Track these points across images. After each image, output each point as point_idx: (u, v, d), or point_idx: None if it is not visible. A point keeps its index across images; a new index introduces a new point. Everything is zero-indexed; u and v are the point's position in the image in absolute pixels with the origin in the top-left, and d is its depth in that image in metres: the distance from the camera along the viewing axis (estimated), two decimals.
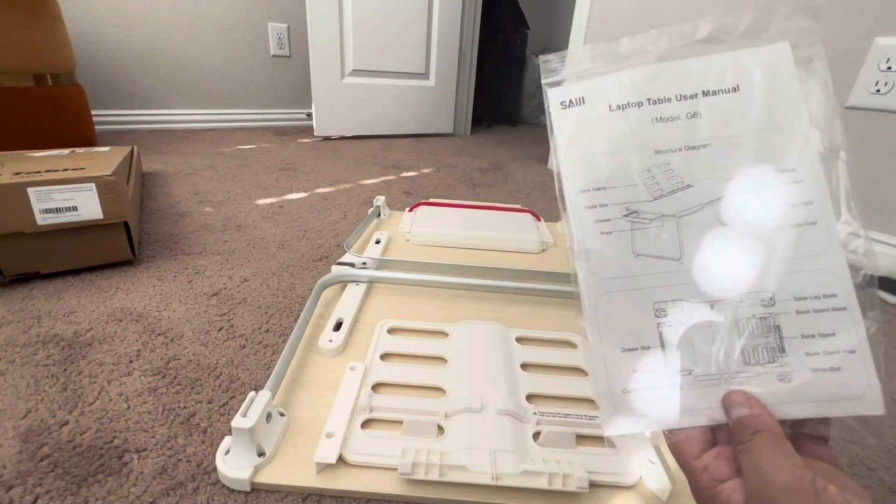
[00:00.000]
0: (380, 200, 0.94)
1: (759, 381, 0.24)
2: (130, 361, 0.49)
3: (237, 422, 0.35)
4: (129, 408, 0.43)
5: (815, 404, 0.24)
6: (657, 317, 0.26)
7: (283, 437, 0.39)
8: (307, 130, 2.00)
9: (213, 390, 0.46)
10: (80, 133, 1.18)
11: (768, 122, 0.25)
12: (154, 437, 0.40)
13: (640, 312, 0.26)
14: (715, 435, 0.25)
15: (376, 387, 0.45)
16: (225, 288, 0.65)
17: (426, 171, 1.45)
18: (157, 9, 1.68)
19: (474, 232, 0.83)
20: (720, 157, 0.25)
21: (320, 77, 1.72)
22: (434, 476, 0.35)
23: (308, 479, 0.36)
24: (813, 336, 0.24)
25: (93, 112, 1.54)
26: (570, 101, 0.28)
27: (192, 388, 0.46)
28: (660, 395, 0.25)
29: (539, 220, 0.96)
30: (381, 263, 0.69)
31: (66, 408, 0.42)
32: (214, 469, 0.37)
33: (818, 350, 0.24)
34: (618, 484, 0.37)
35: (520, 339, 0.54)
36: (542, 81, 0.29)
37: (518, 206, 1.00)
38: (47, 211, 0.60)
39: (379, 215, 0.93)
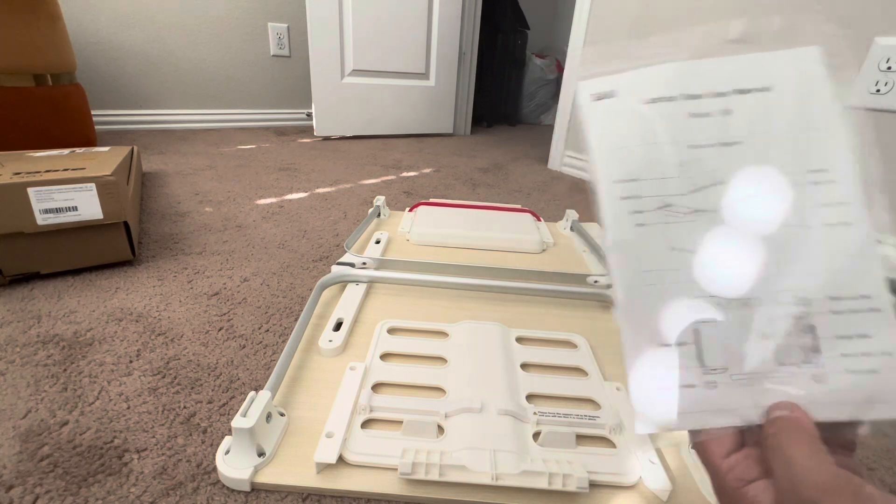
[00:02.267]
0: (380, 200, 0.94)
1: (794, 382, 0.24)
2: (130, 361, 0.49)
3: (237, 422, 0.35)
4: (129, 408, 0.43)
5: (851, 406, 0.23)
6: (692, 313, 0.25)
7: (283, 437, 0.39)
8: (307, 130, 2.00)
9: (213, 390, 0.46)
10: (80, 133, 1.18)
11: (801, 123, 0.25)
12: (154, 437, 0.40)
13: (675, 308, 0.26)
14: (744, 436, 0.24)
15: (376, 387, 0.45)
16: (225, 288, 0.65)
17: (426, 171, 1.45)
18: (157, 9, 1.68)
19: (474, 232, 0.84)
20: (753, 156, 0.25)
21: (320, 77, 1.72)
22: (434, 476, 0.35)
23: (308, 479, 0.36)
24: (849, 337, 0.23)
25: (93, 112, 1.54)
26: (602, 94, 0.28)
27: (192, 388, 0.46)
28: (694, 393, 0.25)
29: (539, 219, 0.96)
30: (381, 263, 0.70)
31: (66, 408, 0.42)
32: (214, 469, 0.37)
33: (854, 351, 0.23)
34: (618, 484, 0.37)
35: (520, 339, 0.55)
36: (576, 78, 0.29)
37: (518, 206, 1.00)
38: (47, 211, 0.60)
39: (379, 215, 0.93)
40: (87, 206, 0.62)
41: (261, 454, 0.37)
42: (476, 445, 0.38)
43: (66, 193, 0.61)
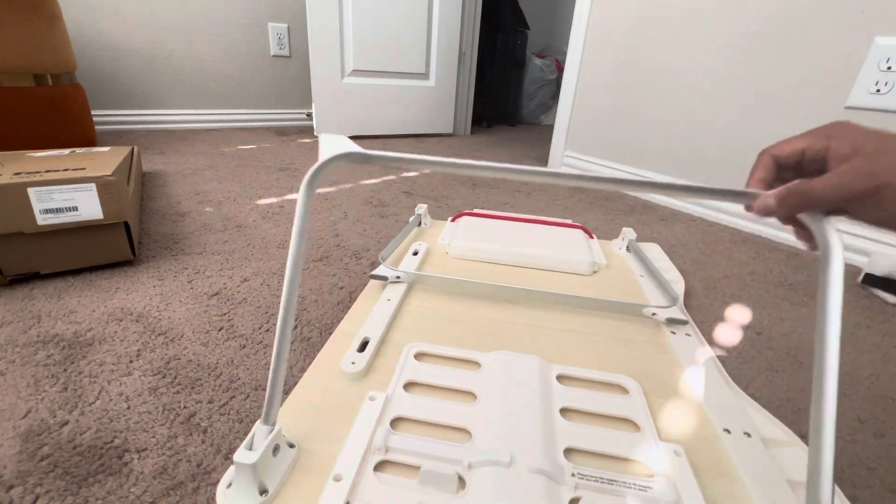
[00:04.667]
0: (421, 209, 0.88)
1: None
2: (130, 361, 0.49)
3: (239, 455, 0.32)
4: (129, 408, 0.43)
5: None
6: None
7: (290, 473, 0.35)
8: (307, 130, 2.00)
9: (213, 390, 0.46)
10: (80, 133, 1.18)
11: None
12: (154, 437, 0.40)
13: None
14: None
15: (395, 422, 0.41)
16: (225, 288, 0.65)
17: (426, 171, 1.45)
18: (157, 9, 1.68)
19: (519, 248, 0.77)
20: None
21: (320, 77, 1.72)
22: None
23: None
24: None
25: (93, 112, 1.54)
26: None
27: (193, 388, 0.46)
28: None
29: (591, 237, 0.86)
30: (417, 278, 0.65)
31: (66, 408, 0.42)
32: (214, 469, 0.37)
33: None
34: None
35: (561, 378, 0.48)
36: None
37: (568, 222, 0.91)
38: (47, 211, 0.60)
39: (420, 224, 0.88)
40: (87, 206, 0.62)
41: (263, 492, 0.33)
42: None
43: (67, 193, 0.61)
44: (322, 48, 1.69)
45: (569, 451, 0.39)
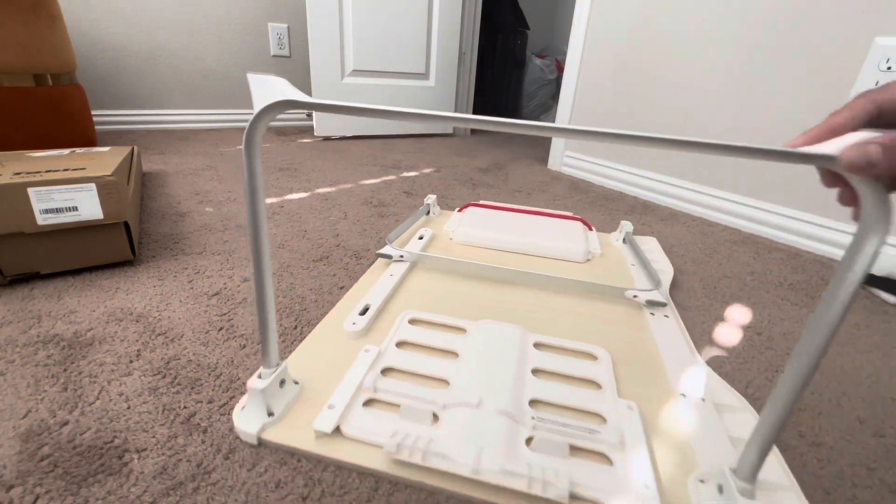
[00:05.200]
0: (430, 199, 0.96)
1: None
2: (130, 361, 0.49)
3: (251, 382, 0.39)
4: (129, 408, 0.43)
5: None
6: None
7: (294, 403, 0.42)
8: (307, 130, 2.00)
9: (213, 390, 0.46)
10: (80, 133, 1.18)
11: None
12: (154, 437, 0.40)
13: None
14: None
15: (385, 371, 0.47)
16: (225, 288, 0.65)
17: (426, 171, 1.45)
18: (157, 9, 1.68)
19: (518, 237, 0.83)
20: None
21: (320, 77, 1.72)
22: (417, 460, 0.36)
23: (306, 443, 0.39)
24: None
25: (93, 112, 1.54)
26: None
27: (193, 388, 0.46)
28: None
29: (591, 229, 0.93)
30: (419, 259, 0.72)
31: (66, 408, 0.42)
32: (214, 469, 0.37)
33: None
34: (603, 502, 0.35)
35: (538, 345, 0.53)
36: None
37: (570, 214, 0.97)
38: (47, 211, 0.60)
39: (428, 213, 0.96)
40: (87, 206, 0.62)
41: (270, 414, 0.40)
42: (465, 438, 0.38)
43: (67, 193, 0.61)
44: (322, 48, 1.69)
45: (534, 402, 0.44)
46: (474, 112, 2.27)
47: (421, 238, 0.82)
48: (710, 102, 1.11)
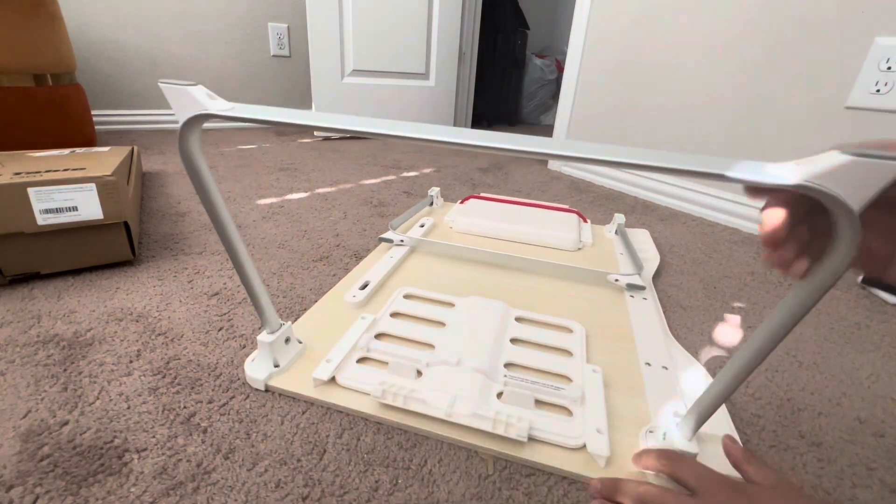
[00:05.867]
0: (434, 191, 1.02)
1: None
2: (130, 361, 0.49)
3: (262, 336, 0.46)
4: (129, 408, 0.43)
5: None
6: None
7: (297, 359, 0.49)
8: (307, 130, 2.00)
9: (213, 390, 0.46)
10: (80, 133, 1.18)
11: None
12: (154, 437, 0.40)
13: None
14: None
15: (379, 335, 0.53)
16: (225, 288, 0.65)
17: (426, 171, 1.45)
18: (157, 9, 1.68)
19: (514, 226, 0.87)
20: None
21: (320, 77, 1.72)
22: (399, 403, 0.42)
23: (306, 389, 0.45)
24: None
25: (93, 112, 1.54)
26: None
27: (192, 388, 0.46)
28: None
29: (585, 220, 0.97)
30: (418, 243, 0.79)
31: (66, 408, 0.42)
32: (214, 469, 0.37)
33: None
34: (560, 444, 0.40)
35: (519, 319, 0.58)
36: None
37: (566, 207, 1.01)
38: (47, 211, 0.60)
39: (431, 204, 1.02)
40: (87, 206, 0.62)
41: (276, 365, 0.47)
42: (443, 389, 0.44)
43: (67, 193, 0.61)
44: (322, 48, 1.69)
45: (509, 365, 0.50)
46: (474, 112, 2.27)
47: (422, 226, 0.87)
48: (710, 102, 1.11)
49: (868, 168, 0.20)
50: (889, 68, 0.82)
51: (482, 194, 1.09)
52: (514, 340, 0.54)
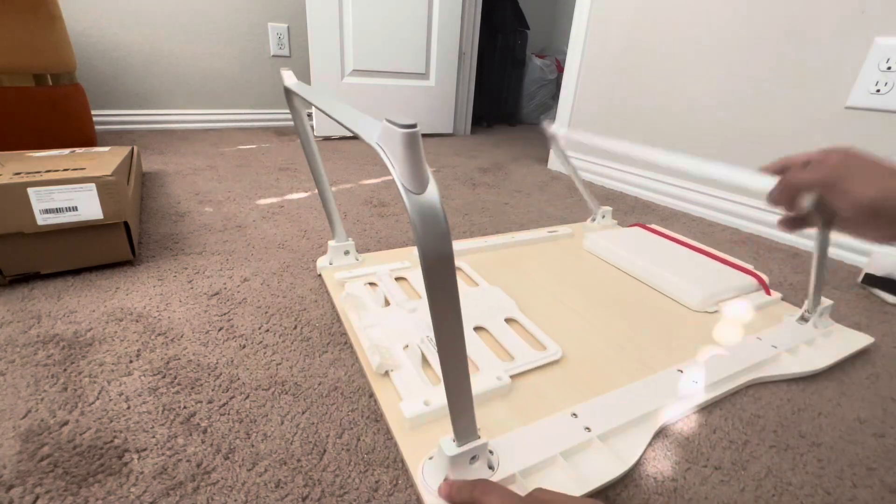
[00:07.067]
0: (605, 210, 1.00)
1: None
2: (130, 361, 0.49)
3: (332, 243, 0.70)
4: (129, 408, 0.43)
5: None
6: None
7: (348, 266, 0.71)
8: None
9: (213, 390, 0.46)
10: (80, 133, 1.18)
11: None
12: (154, 437, 0.40)
13: None
14: None
15: (398, 279, 0.69)
16: (225, 288, 0.65)
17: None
18: (158, 9, 1.68)
19: (644, 262, 0.76)
20: None
21: (320, 77, 1.72)
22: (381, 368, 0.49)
23: (331, 280, 0.67)
24: None
25: (93, 112, 1.54)
26: None
27: (192, 388, 0.46)
28: None
29: (769, 292, 0.71)
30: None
31: (66, 408, 0.42)
32: (214, 469, 0.37)
33: None
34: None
35: (508, 320, 0.60)
36: None
37: (750, 269, 0.76)
38: (47, 211, 0.60)
39: (594, 220, 1.00)
40: (87, 206, 0.62)
41: (330, 263, 0.71)
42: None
43: (67, 193, 0.61)
44: (322, 48, 1.69)
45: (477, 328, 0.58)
46: (474, 112, 2.27)
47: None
48: (710, 101, 1.11)
49: None
50: (889, 68, 0.82)
51: (653, 226, 0.94)
52: (477, 329, 0.58)
